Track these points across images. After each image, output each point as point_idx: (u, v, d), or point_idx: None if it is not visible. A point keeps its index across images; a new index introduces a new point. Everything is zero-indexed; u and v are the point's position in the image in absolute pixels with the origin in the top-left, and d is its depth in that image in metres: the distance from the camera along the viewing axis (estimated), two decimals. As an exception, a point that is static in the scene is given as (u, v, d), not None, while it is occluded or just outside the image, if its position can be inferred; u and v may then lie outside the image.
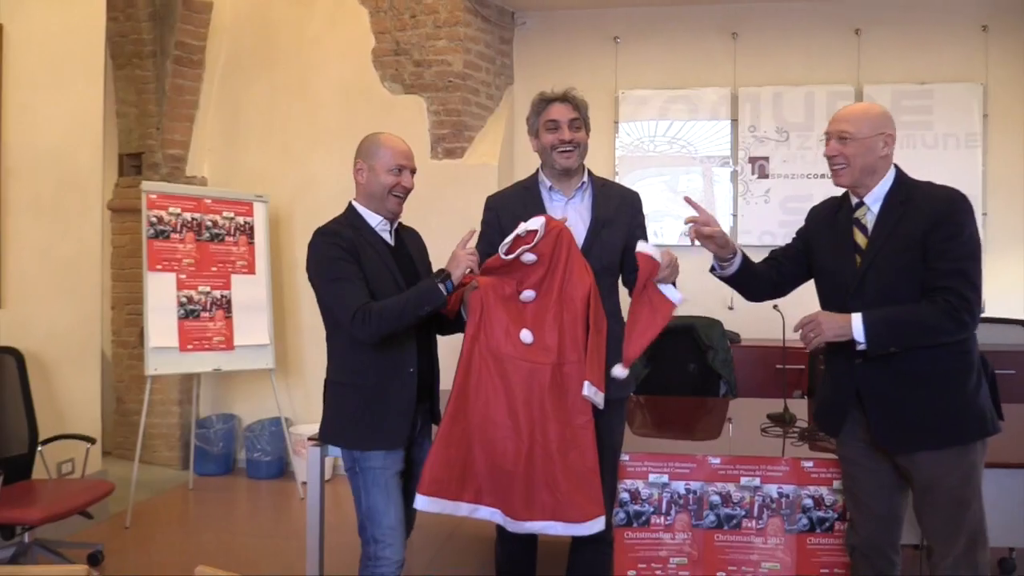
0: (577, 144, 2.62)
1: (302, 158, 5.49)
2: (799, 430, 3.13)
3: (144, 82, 5.39)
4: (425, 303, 2.40)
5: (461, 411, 2.48)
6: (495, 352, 2.49)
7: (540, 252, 2.50)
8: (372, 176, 2.58)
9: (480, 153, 5.29)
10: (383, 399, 2.48)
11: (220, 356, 4.89)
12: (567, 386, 2.48)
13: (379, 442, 2.48)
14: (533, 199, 2.68)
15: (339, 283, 2.44)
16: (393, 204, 2.59)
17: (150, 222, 4.72)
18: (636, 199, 2.76)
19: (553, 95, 2.64)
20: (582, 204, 2.68)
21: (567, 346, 2.48)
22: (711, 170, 5.42)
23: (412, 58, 5.26)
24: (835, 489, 2.69)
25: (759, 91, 5.35)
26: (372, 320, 2.38)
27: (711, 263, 2.75)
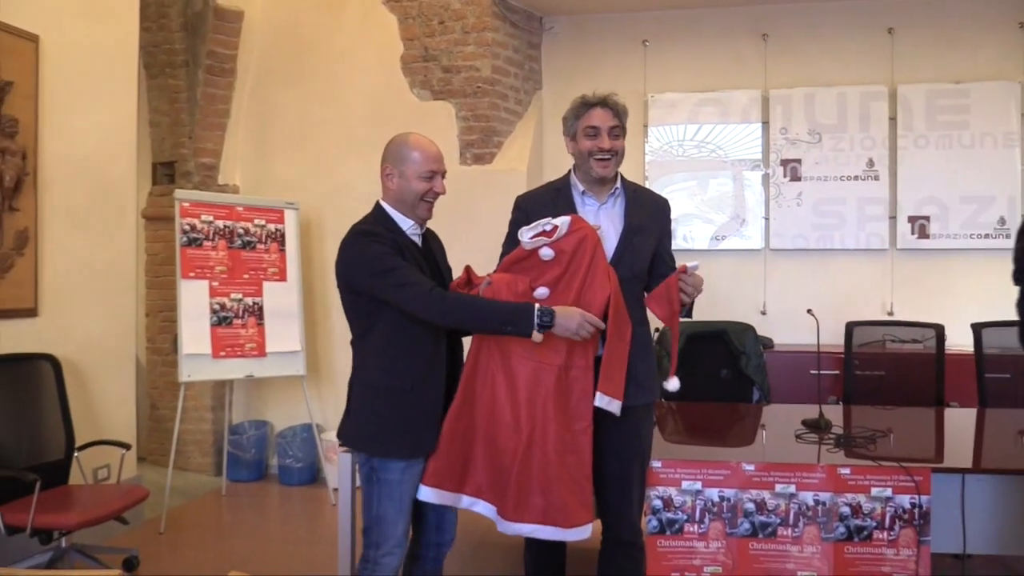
0: (615, 152, 2.60)
1: (332, 165, 5.52)
2: (835, 436, 3.08)
3: (177, 91, 5.45)
4: (512, 323, 2.34)
5: (467, 405, 2.48)
6: (503, 349, 2.48)
7: (559, 249, 2.48)
8: (403, 183, 2.52)
9: (509, 159, 5.29)
10: (413, 406, 2.45)
11: (252, 363, 4.93)
12: (571, 390, 2.46)
13: (402, 451, 2.44)
14: (565, 201, 2.66)
15: (398, 270, 2.38)
16: (424, 210, 2.55)
17: (183, 230, 4.77)
18: (667, 206, 2.75)
19: (595, 99, 2.61)
20: (614, 210, 2.66)
21: (576, 351, 2.47)
22: (742, 174, 5.37)
23: (441, 64, 5.27)
24: (873, 496, 2.64)
25: (790, 93, 5.30)
26: (449, 300, 2.36)
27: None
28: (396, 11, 5.36)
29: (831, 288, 5.25)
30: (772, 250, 5.35)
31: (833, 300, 5.17)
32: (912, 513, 2.62)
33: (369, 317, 2.47)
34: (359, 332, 2.54)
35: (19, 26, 3.79)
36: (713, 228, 5.39)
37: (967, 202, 5.07)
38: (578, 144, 2.63)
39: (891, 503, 2.64)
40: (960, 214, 5.07)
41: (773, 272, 5.36)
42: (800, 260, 5.32)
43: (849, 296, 5.21)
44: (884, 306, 5.19)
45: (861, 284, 5.23)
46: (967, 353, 4.18)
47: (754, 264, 5.38)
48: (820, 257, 5.29)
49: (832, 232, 5.23)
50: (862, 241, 5.19)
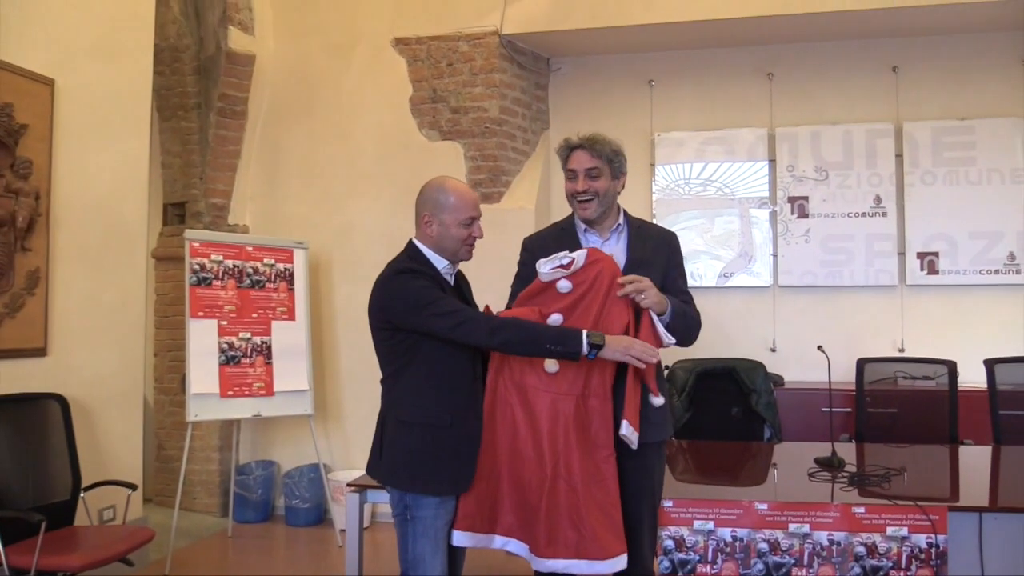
0: (596, 193, 2.59)
1: (341, 205, 5.55)
2: (848, 475, 3.04)
3: (189, 133, 5.51)
4: (562, 343, 2.33)
5: (489, 444, 2.46)
6: (519, 383, 2.47)
7: (577, 281, 2.48)
8: (443, 231, 2.52)
9: (517, 197, 5.31)
10: (453, 442, 2.43)
11: (260, 402, 4.91)
12: (590, 419, 2.45)
13: (440, 487, 2.42)
14: (569, 239, 2.67)
15: (440, 302, 2.39)
16: (466, 254, 2.57)
17: (193, 270, 4.79)
18: (673, 239, 2.73)
19: (573, 142, 2.62)
20: (617, 246, 2.66)
21: (594, 379, 2.46)
22: (749, 211, 5.37)
23: (449, 105, 5.32)
24: (889, 536, 2.59)
25: (796, 131, 5.32)
26: (496, 321, 2.38)
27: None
28: (405, 53, 5.42)
29: (841, 325, 5.22)
30: (781, 287, 5.33)
31: (843, 337, 5.14)
32: (929, 553, 2.57)
33: (407, 354, 2.45)
34: (394, 370, 2.51)
35: (35, 70, 3.85)
36: (721, 265, 5.38)
37: (976, 238, 5.05)
38: (565, 189, 2.67)
39: (907, 542, 2.59)
40: (969, 250, 5.05)
41: (782, 309, 5.33)
42: (809, 297, 5.30)
43: (859, 333, 5.17)
44: (895, 343, 5.15)
45: (871, 321, 5.20)
46: (980, 390, 4.14)
47: (763, 301, 5.36)
48: (829, 294, 5.26)
49: (841, 268, 5.21)
50: (871, 277, 5.17)
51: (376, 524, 5.25)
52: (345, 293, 5.45)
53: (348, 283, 5.43)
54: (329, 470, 5.36)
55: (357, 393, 5.34)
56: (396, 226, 5.26)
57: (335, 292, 5.53)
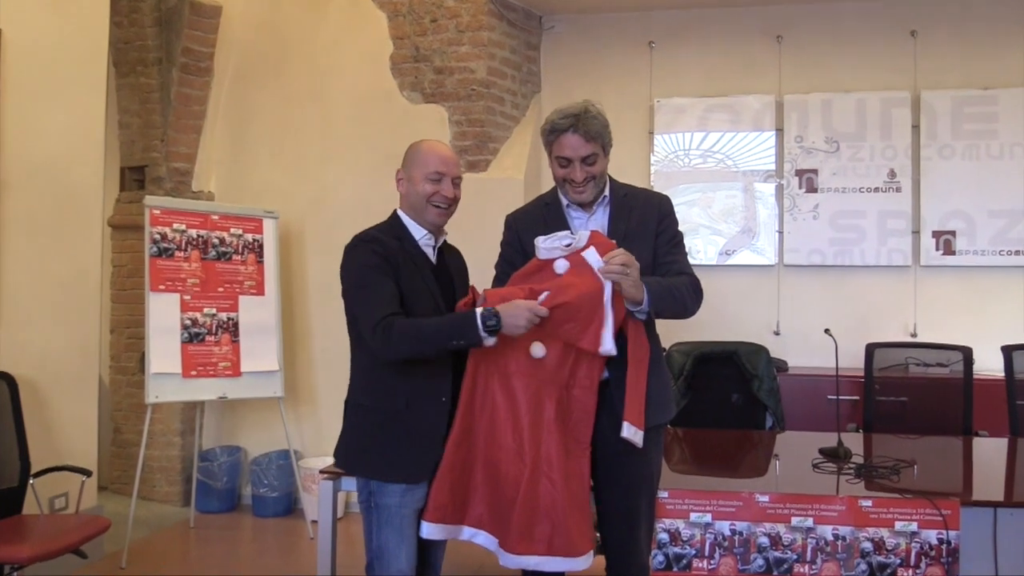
0: (592, 177, 2.56)
1: (315, 172, 5.51)
2: (855, 466, 3.06)
3: (148, 91, 5.44)
4: (459, 336, 2.35)
5: (466, 432, 2.47)
6: (502, 368, 2.47)
7: (576, 262, 2.47)
8: (411, 186, 2.58)
9: (505, 166, 5.28)
10: (410, 426, 2.45)
11: (226, 383, 4.89)
12: (571, 410, 2.46)
13: (400, 474, 2.45)
14: (555, 216, 2.65)
15: (368, 289, 2.43)
16: (433, 215, 2.57)
17: (153, 239, 4.75)
18: (664, 203, 2.68)
19: (563, 123, 2.52)
20: (604, 220, 2.64)
21: (581, 369, 2.47)
22: (753, 185, 5.37)
23: (433, 65, 5.27)
24: (897, 531, 2.61)
25: (806, 98, 5.31)
26: (393, 336, 2.35)
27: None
28: (385, 7, 5.37)
29: (850, 307, 5.24)
30: (786, 266, 5.34)
31: (852, 320, 5.16)
32: (940, 549, 2.59)
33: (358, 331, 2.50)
34: (354, 345, 2.57)
35: (-21, 18, 3.78)
36: (722, 242, 5.38)
37: (996, 216, 5.07)
38: (552, 169, 2.62)
39: (917, 538, 2.61)
40: (988, 229, 5.07)
41: (787, 290, 5.35)
42: (816, 277, 5.31)
43: (869, 316, 5.20)
44: (907, 327, 5.18)
45: (882, 303, 5.22)
46: (997, 378, 4.16)
47: (767, 281, 5.38)
48: (838, 274, 5.28)
49: (851, 247, 5.22)
50: (883, 257, 5.19)
51: (350, 515, 5.25)
52: (318, 266, 5.42)
53: (321, 256, 5.40)
54: (300, 456, 5.36)
55: (330, 374, 5.32)
56: (374, 194, 5.20)
57: (307, 265, 5.50)
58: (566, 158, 2.55)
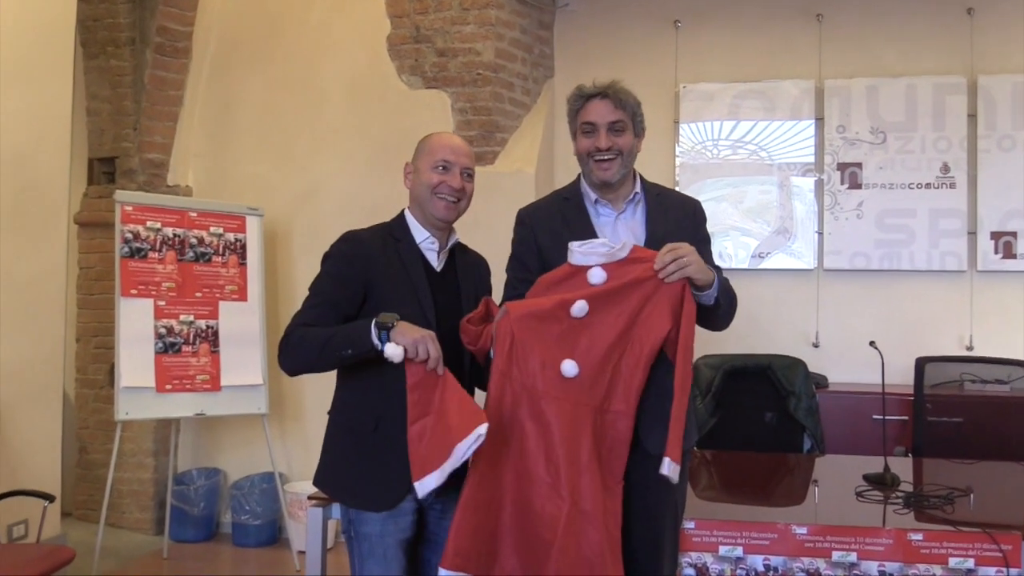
0: (619, 151, 2.57)
1: (304, 164, 5.52)
2: (904, 495, 3.04)
3: (120, 74, 5.47)
4: (348, 344, 2.37)
5: (491, 465, 2.40)
6: (530, 390, 2.42)
7: (613, 274, 2.44)
8: (416, 177, 2.61)
9: (514, 158, 5.29)
10: (379, 451, 2.45)
11: (204, 398, 4.90)
12: (604, 436, 2.43)
13: (374, 501, 2.45)
14: (576, 213, 2.64)
15: (310, 298, 2.52)
16: (437, 208, 2.57)
17: (124, 238, 4.76)
18: (697, 209, 2.72)
19: (591, 89, 2.59)
20: (635, 219, 2.64)
21: (617, 392, 2.43)
22: (790, 180, 5.36)
23: (435, 46, 5.28)
24: (951, 568, 2.60)
25: (849, 84, 5.30)
26: (288, 346, 2.45)
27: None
28: (382, -18, 5.39)
29: (898, 317, 5.22)
30: (826, 270, 5.33)
31: (900, 331, 5.14)
32: (998, 589, 2.58)
33: None
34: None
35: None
36: (755, 244, 5.38)
37: (1061, 216, 5.06)
38: (576, 144, 2.63)
39: (973, 576, 2.60)
40: (1053, 230, 5.06)
41: (827, 297, 5.34)
42: (860, 283, 5.30)
43: (919, 327, 5.18)
44: (962, 339, 5.16)
45: (934, 312, 5.21)
46: (1062, 396, 4.15)
47: (805, 287, 5.37)
48: (884, 280, 5.26)
49: (899, 250, 5.21)
50: (935, 261, 5.17)
51: (341, 544, 5.24)
52: (307, 269, 5.35)
53: (310, 257, 5.31)
54: (286, 480, 5.36)
55: (320, 389, 5.24)
56: (369, 189, 5.25)
57: (295, 268, 5.51)
58: (591, 123, 2.57)
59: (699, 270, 2.40)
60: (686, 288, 2.41)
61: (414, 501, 2.46)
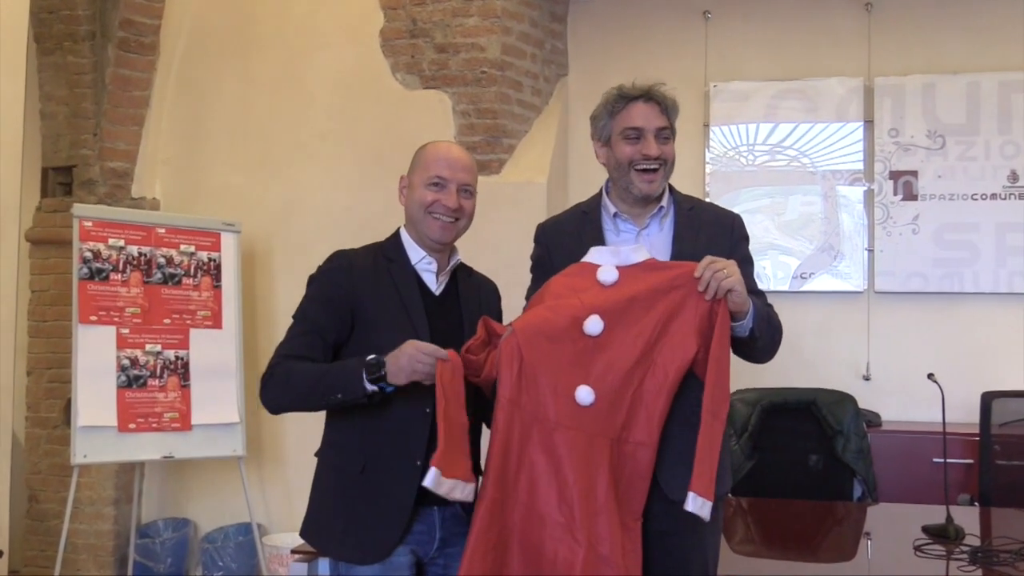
0: (664, 161, 2.60)
1: (286, 174, 5.55)
2: (969, 549, 3.03)
3: (78, 72, 5.49)
4: (337, 389, 2.40)
5: (498, 505, 2.41)
6: (542, 420, 2.43)
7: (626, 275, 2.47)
8: (410, 194, 2.63)
9: (524, 167, 5.31)
10: (370, 493, 2.46)
11: (172, 439, 4.89)
12: (623, 470, 2.43)
13: (363, 552, 2.47)
14: (592, 230, 2.67)
15: (294, 325, 2.58)
16: (432, 228, 2.58)
17: (83, 258, 4.77)
18: (736, 224, 2.74)
19: (634, 91, 2.61)
20: (660, 235, 2.66)
21: (638, 421, 2.43)
22: (836, 189, 5.37)
23: (433, 41, 5.31)
24: (1023, 633, 2.59)
25: (903, 82, 5.31)
26: (272, 382, 2.51)
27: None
28: (374, -31, 5.43)
29: (960, 346, 5.21)
30: (878, 293, 5.32)
31: (963, 362, 5.12)
32: (1078, 656, 2.57)
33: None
34: None
35: None
36: (796, 263, 5.38)
37: None
38: (614, 150, 2.63)
39: (1049, 642, 2.59)
40: None
41: (880, 323, 5.33)
42: (917, 307, 5.29)
43: (985, 357, 5.16)
44: (1033, 371, 5.15)
45: (1001, 341, 5.19)
46: None
47: (853, 312, 5.36)
48: (944, 303, 5.26)
49: (961, 270, 5.21)
50: (1002, 282, 5.17)
51: (326, 606, 5.24)
52: (289, 292, 5.37)
53: (293, 279, 5.30)
54: (264, 532, 5.36)
55: (304, 429, 5.23)
56: (360, 203, 5.27)
57: (276, 291, 5.53)
58: (636, 128, 2.59)
59: (738, 292, 2.40)
60: (722, 305, 2.41)
61: (411, 554, 2.48)
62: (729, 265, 2.40)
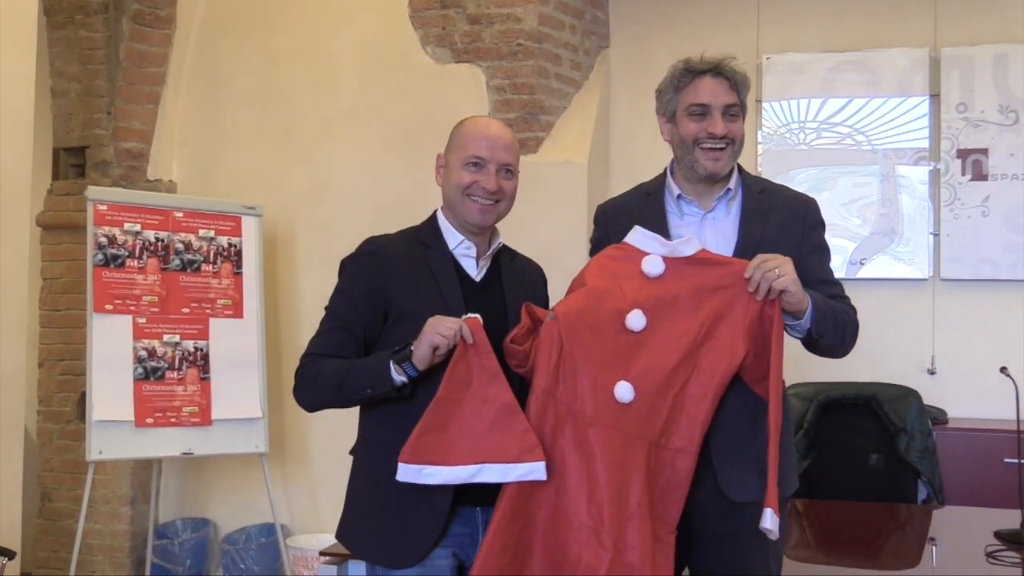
0: (732, 140, 2.59)
1: (310, 154, 5.56)
2: (1045, 555, 3.01)
3: (91, 47, 5.51)
4: (367, 384, 2.42)
5: (524, 498, 2.40)
6: (577, 415, 2.42)
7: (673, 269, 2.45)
8: (447, 174, 2.62)
9: (563, 146, 5.29)
10: (407, 495, 2.44)
11: (192, 434, 4.91)
12: (659, 477, 2.42)
13: (399, 554, 2.47)
14: (654, 212, 2.66)
15: (325, 319, 2.59)
16: (470, 211, 2.56)
17: (98, 244, 4.80)
18: (810, 208, 2.72)
19: (703, 64, 2.60)
20: (727, 219, 2.64)
21: (679, 426, 2.42)
22: (896, 169, 5.33)
23: (465, 12, 5.30)
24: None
25: (972, 52, 5.25)
26: (303, 381, 2.53)
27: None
28: (403, -64, 5.43)
29: (1034, 337, 5.16)
30: (944, 280, 5.28)
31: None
32: None
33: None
34: None
35: None
36: (852, 247, 5.35)
37: None
38: (678, 127, 2.62)
39: None
40: None
41: (946, 312, 5.28)
42: (987, 295, 5.24)
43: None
44: (1114, 364, 5.09)
45: (1079, 331, 5.14)
46: None
47: (917, 300, 5.32)
48: (1017, 291, 5.21)
49: (1034, 255, 5.16)
50: (1080, 269, 5.12)
51: (353, 612, 5.26)
52: (314, 279, 5.44)
53: (318, 265, 5.42)
54: (288, 533, 5.39)
55: (330, 424, 5.29)
56: (388, 184, 5.27)
57: (300, 278, 5.55)
58: (702, 104, 2.58)
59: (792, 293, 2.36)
60: (775, 308, 2.39)
61: (452, 557, 2.47)
62: (783, 263, 2.36)
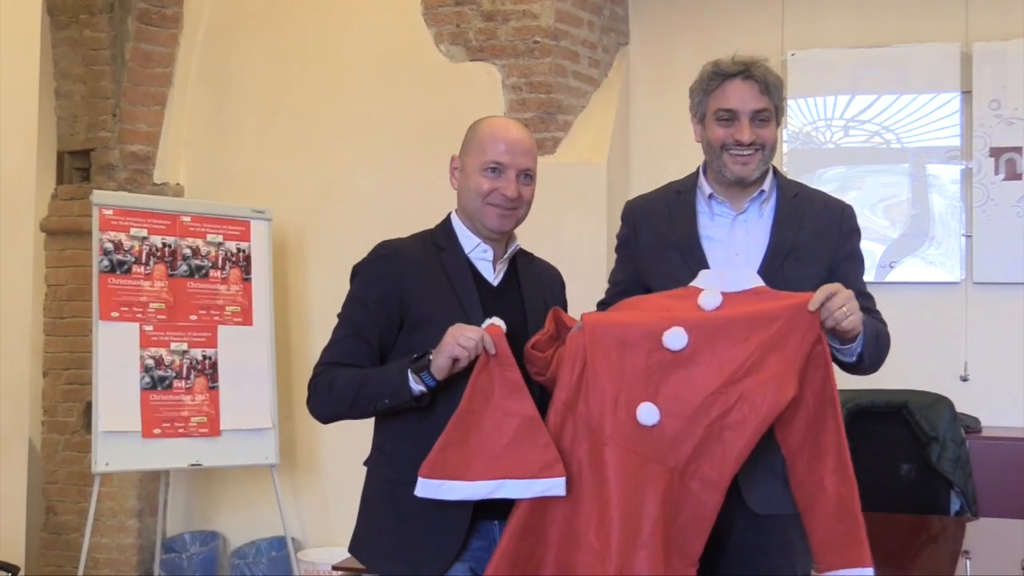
0: (762, 145, 2.58)
1: (321, 156, 5.58)
2: (1084, 570, 3.01)
3: (95, 47, 5.53)
4: (384, 394, 2.42)
5: (537, 514, 2.40)
6: (596, 431, 2.40)
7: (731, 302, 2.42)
8: (464, 180, 2.61)
9: (581, 147, 5.29)
10: (424, 508, 2.43)
11: (200, 445, 4.92)
12: (683, 507, 2.38)
13: (415, 567, 2.48)
14: (684, 211, 2.67)
15: (338, 328, 2.59)
16: (489, 218, 2.56)
17: (103, 249, 4.82)
18: (846, 215, 2.70)
19: (731, 67, 2.58)
20: (759, 221, 2.65)
21: (712, 456, 2.37)
22: (926, 168, 5.31)
23: (480, 9, 5.31)
24: None
25: (1005, 47, 5.23)
26: (317, 392, 2.53)
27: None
28: (415, -69, 5.44)
29: (1071, 343, 5.14)
30: (977, 284, 5.26)
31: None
32: None
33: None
34: None
35: None
36: (881, 249, 5.33)
37: None
38: (707, 131, 2.63)
39: None
40: None
41: (979, 317, 5.26)
42: (1021, 299, 5.20)
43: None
44: None
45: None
46: None
47: (948, 304, 5.30)
48: (1053, 295, 5.19)
49: (1071, 257, 5.14)
50: (1120, 271, 5.10)
51: (367, 628, 5.27)
52: (325, 285, 5.45)
53: (329, 271, 5.43)
54: (300, 546, 5.40)
55: (342, 435, 5.29)
56: (401, 186, 5.28)
57: (310, 284, 5.56)
58: (729, 110, 2.57)
59: (854, 322, 2.35)
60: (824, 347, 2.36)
61: (470, 572, 2.47)
62: (850, 301, 2.34)
